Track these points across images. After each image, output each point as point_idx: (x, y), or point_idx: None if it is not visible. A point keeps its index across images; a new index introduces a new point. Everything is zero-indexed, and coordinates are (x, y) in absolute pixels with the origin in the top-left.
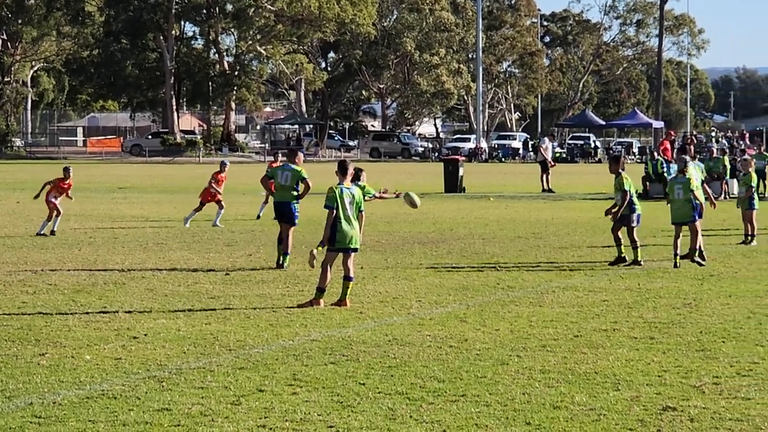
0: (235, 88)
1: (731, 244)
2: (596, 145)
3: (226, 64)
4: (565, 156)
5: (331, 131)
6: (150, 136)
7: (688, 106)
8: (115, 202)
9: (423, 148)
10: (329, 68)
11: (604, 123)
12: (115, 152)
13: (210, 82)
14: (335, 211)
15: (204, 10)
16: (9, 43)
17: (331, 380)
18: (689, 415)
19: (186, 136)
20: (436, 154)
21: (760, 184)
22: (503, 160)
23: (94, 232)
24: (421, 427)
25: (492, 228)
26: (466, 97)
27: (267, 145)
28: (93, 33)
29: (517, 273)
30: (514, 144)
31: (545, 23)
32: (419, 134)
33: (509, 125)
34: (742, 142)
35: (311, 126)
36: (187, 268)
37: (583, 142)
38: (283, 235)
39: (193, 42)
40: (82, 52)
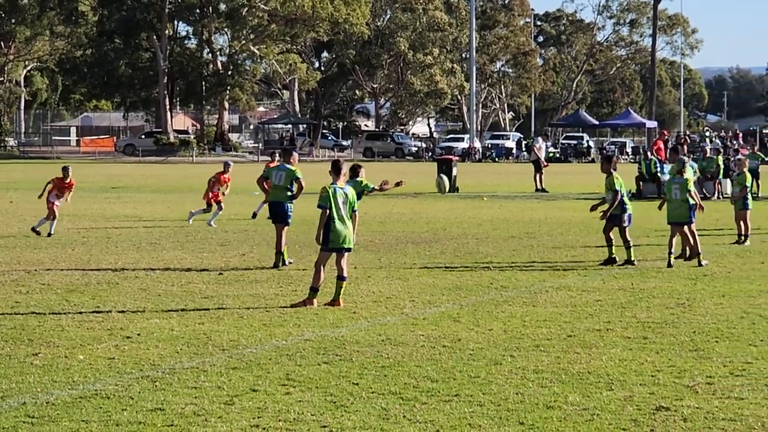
0: (229, 88)
1: (724, 243)
2: (589, 144)
3: (219, 64)
4: (559, 156)
5: (324, 131)
6: (143, 136)
7: (681, 105)
8: (109, 202)
9: (416, 148)
10: (323, 68)
11: (597, 123)
12: (109, 152)
13: (203, 82)
14: (328, 211)
15: (197, 10)
16: (2, 43)
17: (324, 380)
18: (682, 414)
19: (179, 136)
20: (430, 154)
21: (753, 183)
22: (497, 159)
23: (87, 232)
24: (415, 427)
25: (485, 228)
26: (459, 97)
27: (260, 145)
28: (86, 33)
29: (510, 273)
30: (508, 144)
31: (539, 23)
32: (413, 134)
33: (503, 125)
34: (735, 142)
35: (305, 126)
36: (180, 268)
37: (576, 142)
38: (277, 235)
39: (186, 41)
40: (76, 52)
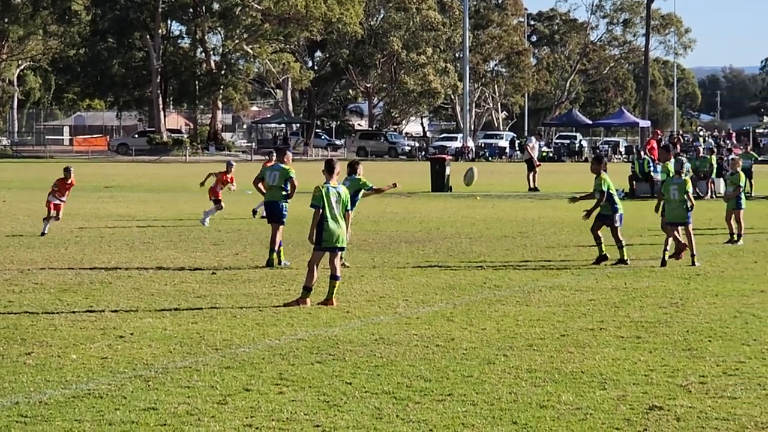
0: (222, 87)
1: (718, 243)
2: (582, 144)
3: (212, 63)
4: (552, 155)
5: (318, 130)
6: (136, 135)
7: (674, 105)
8: (102, 201)
9: (410, 147)
10: (316, 67)
11: (590, 122)
12: (102, 151)
13: (196, 81)
14: (322, 210)
15: (191, 9)
16: None
17: (317, 379)
18: (676, 414)
19: (172, 135)
20: (423, 153)
21: (747, 183)
22: (490, 159)
23: (80, 231)
24: (408, 427)
25: (479, 227)
26: (452, 96)
27: (254, 144)
28: (79, 32)
29: (503, 272)
30: (501, 143)
31: (532, 22)
32: (406, 133)
33: (496, 124)
34: (728, 142)
35: (298, 125)
36: (173, 267)
37: (569, 142)
38: (272, 234)
39: (179, 41)
40: (69, 51)
